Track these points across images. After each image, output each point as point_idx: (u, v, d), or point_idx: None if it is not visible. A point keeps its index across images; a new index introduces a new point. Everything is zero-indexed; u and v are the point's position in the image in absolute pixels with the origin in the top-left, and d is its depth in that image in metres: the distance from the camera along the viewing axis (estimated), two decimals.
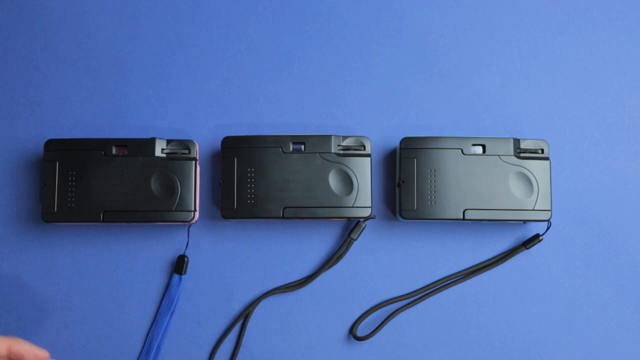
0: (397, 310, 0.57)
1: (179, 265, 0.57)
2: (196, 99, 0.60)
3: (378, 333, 0.58)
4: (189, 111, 0.60)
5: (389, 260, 0.58)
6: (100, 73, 0.61)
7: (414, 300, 0.58)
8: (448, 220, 0.56)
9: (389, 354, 0.58)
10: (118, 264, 0.58)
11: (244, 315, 0.58)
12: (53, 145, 0.56)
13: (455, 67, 0.61)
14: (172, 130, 0.60)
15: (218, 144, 0.58)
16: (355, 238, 0.56)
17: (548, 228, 0.56)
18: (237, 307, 0.58)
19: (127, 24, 0.61)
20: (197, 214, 0.56)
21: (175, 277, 0.57)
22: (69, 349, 0.57)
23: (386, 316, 0.58)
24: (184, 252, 0.58)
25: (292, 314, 0.58)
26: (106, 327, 0.58)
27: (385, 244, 0.59)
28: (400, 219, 0.56)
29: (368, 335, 0.57)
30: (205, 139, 0.59)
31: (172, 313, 0.57)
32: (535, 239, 0.57)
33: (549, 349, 0.58)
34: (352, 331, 0.57)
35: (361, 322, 0.58)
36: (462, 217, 0.55)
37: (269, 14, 0.61)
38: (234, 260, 0.59)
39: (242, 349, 0.58)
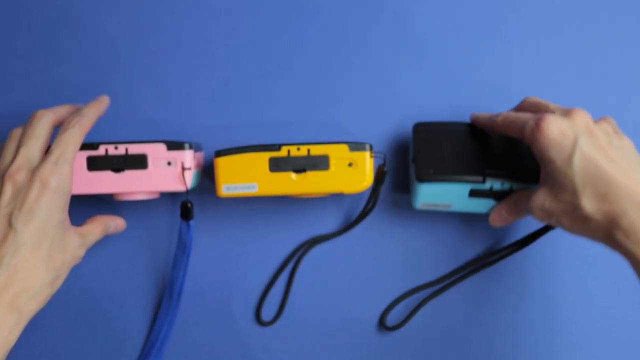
0: (426, 298, 0.57)
1: (184, 211, 0.54)
2: (196, 99, 0.60)
3: (409, 322, 0.58)
4: (189, 111, 0.60)
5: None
6: (100, 73, 0.60)
7: (442, 287, 0.58)
8: (467, 184, 0.53)
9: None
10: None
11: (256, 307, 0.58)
12: None
13: (456, 66, 0.61)
14: (171, 130, 0.60)
15: (218, 144, 0.58)
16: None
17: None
18: (235, 306, 0.58)
19: (127, 23, 0.61)
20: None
21: (184, 225, 0.54)
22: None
23: (415, 305, 0.58)
24: (186, 198, 0.55)
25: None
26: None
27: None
28: (418, 184, 0.53)
29: (399, 324, 0.57)
30: (205, 139, 0.59)
31: (187, 256, 0.54)
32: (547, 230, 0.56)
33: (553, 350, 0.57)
34: (382, 321, 0.57)
35: (390, 311, 0.58)
36: (482, 180, 0.52)
37: (269, 13, 0.61)
38: (234, 259, 0.59)
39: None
